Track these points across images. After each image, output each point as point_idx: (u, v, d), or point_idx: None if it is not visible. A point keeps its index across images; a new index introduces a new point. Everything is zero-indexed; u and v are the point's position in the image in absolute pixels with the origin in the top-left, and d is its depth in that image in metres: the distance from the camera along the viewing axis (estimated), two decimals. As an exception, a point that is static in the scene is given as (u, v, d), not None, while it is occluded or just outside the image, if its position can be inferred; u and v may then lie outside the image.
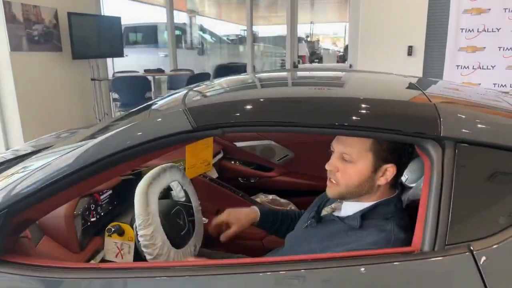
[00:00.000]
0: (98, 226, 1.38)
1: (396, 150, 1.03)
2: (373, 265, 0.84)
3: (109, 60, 5.81)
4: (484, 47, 3.87)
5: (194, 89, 1.28)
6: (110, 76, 5.63)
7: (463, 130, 0.90)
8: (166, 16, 5.63)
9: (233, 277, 0.90)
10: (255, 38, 6.98)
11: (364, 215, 1.06)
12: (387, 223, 1.03)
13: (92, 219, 1.35)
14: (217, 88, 1.35)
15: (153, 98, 4.49)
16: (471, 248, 0.81)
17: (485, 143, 0.89)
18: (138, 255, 1.27)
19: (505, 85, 3.93)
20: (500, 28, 3.79)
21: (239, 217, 1.36)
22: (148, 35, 7.80)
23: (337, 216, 1.12)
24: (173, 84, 5.49)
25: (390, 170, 1.04)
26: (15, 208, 0.97)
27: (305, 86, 1.25)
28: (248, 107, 0.99)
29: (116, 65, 6.15)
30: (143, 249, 1.18)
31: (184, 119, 0.97)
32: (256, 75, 1.68)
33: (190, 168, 1.61)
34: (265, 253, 1.39)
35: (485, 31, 3.83)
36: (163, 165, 1.37)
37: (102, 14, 5.42)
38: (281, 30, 9.29)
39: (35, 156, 1.28)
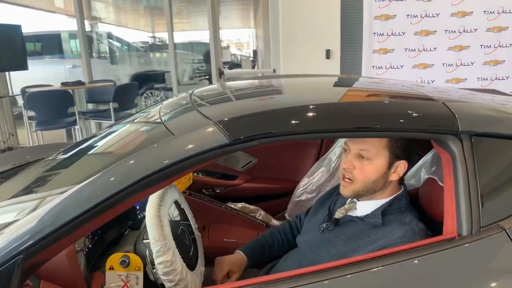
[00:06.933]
0: (93, 259, 1.23)
1: (408, 147, 1.11)
2: (425, 256, 0.90)
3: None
4: (393, 49, 4.34)
5: (205, 100, 1.22)
6: (13, 92, 4.98)
7: (475, 124, 1.02)
8: (76, 24, 5.17)
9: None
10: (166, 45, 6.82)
11: (383, 211, 1.12)
12: (405, 216, 1.11)
13: (92, 252, 1.20)
14: (231, 97, 1.31)
15: (77, 113, 4.07)
16: (503, 226, 0.92)
17: (493, 133, 1.02)
18: (150, 285, 1.17)
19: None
20: (404, 32, 4.29)
21: (240, 264, 1.32)
22: (50, 45, 7.06)
23: (356, 216, 1.16)
24: (93, 96, 5.01)
25: (401, 166, 1.12)
26: (30, 252, 0.83)
27: (337, 92, 1.27)
28: (286, 116, 0.98)
29: (14, 80, 5.43)
30: (162, 276, 1.09)
31: (219, 133, 0.93)
32: (270, 80, 1.65)
33: (176, 185, 1.53)
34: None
35: (393, 35, 4.30)
36: (163, 184, 1.27)
37: (-2, 22, 4.77)
38: (195, 36, 9.27)
39: (41, 187, 1.10)
